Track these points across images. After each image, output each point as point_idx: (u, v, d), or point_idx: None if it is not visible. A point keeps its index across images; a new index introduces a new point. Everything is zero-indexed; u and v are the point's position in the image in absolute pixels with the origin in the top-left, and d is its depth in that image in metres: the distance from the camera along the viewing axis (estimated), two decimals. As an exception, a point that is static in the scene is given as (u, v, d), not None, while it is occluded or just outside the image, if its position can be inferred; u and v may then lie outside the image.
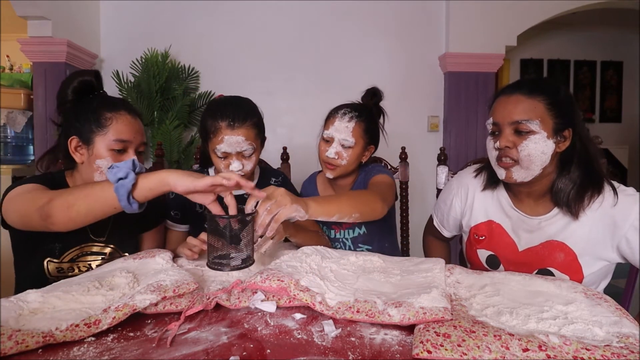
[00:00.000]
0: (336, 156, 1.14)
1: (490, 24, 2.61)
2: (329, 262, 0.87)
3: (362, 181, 1.21)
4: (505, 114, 0.88)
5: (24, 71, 2.89)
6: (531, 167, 0.87)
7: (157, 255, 0.87)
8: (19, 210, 0.81)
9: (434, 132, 2.79)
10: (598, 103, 4.44)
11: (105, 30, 2.64)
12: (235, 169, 1.04)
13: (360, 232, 1.23)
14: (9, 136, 2.47)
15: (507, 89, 0.90)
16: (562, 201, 0.88)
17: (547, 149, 0.85)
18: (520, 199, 0.97)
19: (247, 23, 2.68)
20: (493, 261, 1.00)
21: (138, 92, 2.38)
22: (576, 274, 0.88)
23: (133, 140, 0.94)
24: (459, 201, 1.09)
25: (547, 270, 0.91)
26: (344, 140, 1.13)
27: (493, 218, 1.01)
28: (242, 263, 0.74)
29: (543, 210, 0.94)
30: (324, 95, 2.68)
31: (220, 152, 1.03)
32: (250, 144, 1.04)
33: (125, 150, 0.93)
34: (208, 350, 0.56)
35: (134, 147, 0.95)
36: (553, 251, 0.91)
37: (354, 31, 2.73)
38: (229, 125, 1.01)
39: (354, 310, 0.65)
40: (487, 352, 0.52)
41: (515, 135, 0.87)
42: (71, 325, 0.58)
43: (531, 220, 0.95)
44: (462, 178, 1.10)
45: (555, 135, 0.86)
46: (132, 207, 0.73)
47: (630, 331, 0.58)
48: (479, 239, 1.02)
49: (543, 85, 0.88)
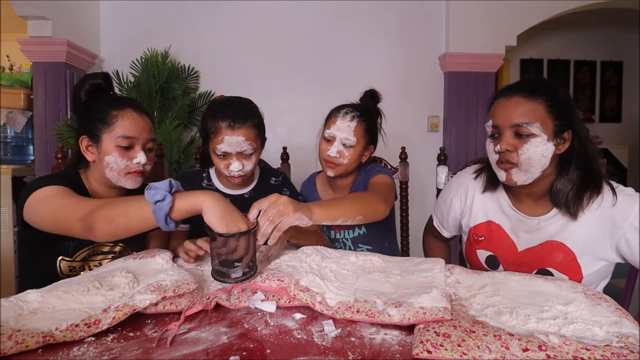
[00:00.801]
0: (338, 155, 1.14)
1: (490, 24, 2.61)
2: (329, 262, 0.87)
3: (362, 181, 1.21)
4: (505, 116, 0.87)
5: (24, 71, 2.89)
6: (531, 170, 0.87)
7: (157, 255, 0.87)
8: (54, 216, 0.83)
9: (434, 132, 2.79)
10: (598, 103, 4.44)
11: (105, 30, 2.64)
12: (235, 170, 1.04)
13: (360, 232, 1.23)
14: (9, 136, 2.47)
15: (507, 90, 0.90)
16: (561, 201, 0.88)
17: (547, 152, 0.85)
18: (519, 200, 0.97)
19: (247, 23, 2.68)
20: (492, 261, 1.00)
21: (138, 92, 2.38)
22: (575, 274, 0.88)
23: (139, 137, 0.96)
24: (458, 201, 1.09)
25: (547, 271, 0.91)
26: (345, 139, 1.14)
27: (492, 218, 1.01)
28: (243, 275, 0.73)
29: (542, 210, 0.94)
30: (324, 95, 2.68)
31: (221, 152, 1.04)
32: (250, 144, 1.04)
33: (131, 146, 0.96)
34: (208, 350, 0.56)
35: (141, 144, 0.97)
36: (552, 251, 0.91)
37: (354, 31, 2.72)
38: (230, 126, 1.02)
39: (353, 310, 0.65)
40: (487, 352, 0.52)
41: (515, 139, 0.86)
42: (71, 325, 0.58)
43: (530, 220, 0.95)
44: (462, 178, 1.10)
45: (555, 137, 0.86)
46: (169, 226, 0.75)
47: (630, 331, 0.58)
48: (478, 240, 1.02)
49: (542, 86, 0.88)
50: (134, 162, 0.96)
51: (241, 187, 1.18)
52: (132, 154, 0.96)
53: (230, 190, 1.17)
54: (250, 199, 1.16)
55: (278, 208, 0.77)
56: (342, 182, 1.24)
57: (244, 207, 1.14)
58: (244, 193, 1.17)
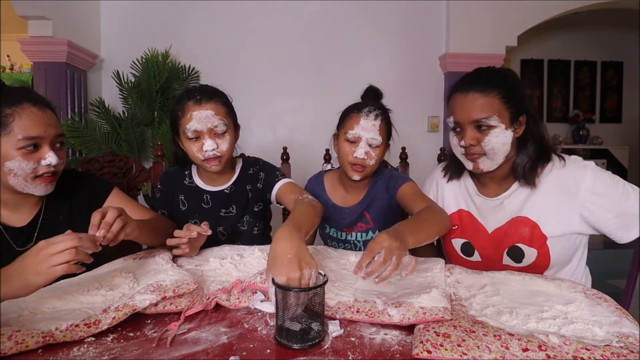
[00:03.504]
0: (366, 156, 1.08)
1: (491, 24, 2.61)
2: (329, 262, 0.87)
3: (383, 187, 1.16)
4: (464, 114, 0.92)
5: (24, 71, 2.90)
6: (496, 158, 0.92)
7: (157, 255, 0.87)
8: None
9: (434, 132, 2.79)
10: (598, 103, 4.44)
11: (105, 30, 2.65)
12: (209, 148, 0.99)
13: (373, 235, 1.20)
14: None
15: (462, 85, 0.95)
16: (519, 174, 0.94)
17: (508, 139, 0.91)
18: (484, 184, 1.02)
19: (247, 23, 2.68)
20: (467, 249, 1.03)
21: (138, 92, 2.38)
22: (542, 246, 0.91)
23: (44, 135, 0.82)
24: (432, 196, 1.13)
25: (517, 247, 0.94)
26: (372, 139, 1.07)
27: (462, 206, 1.06)
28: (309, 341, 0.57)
29: (504, 189, 0.99)
30: (324, 95, 2.68)
31: (191, 131, 0.99)
32: (221, 120, 1.00)
33: (38, 146, 0.83)
34: (208, 350, 0.56)
35: (49, 142, 0.84)
36: (518, 227, 0.94)
37: (354, 31, 2.73)
38: (197, 102, 0.99)
39: (353, 310, 0.65)
40: (487, 352, 0.52)
41: (477, 132, 0.91)
42: (71, 326, 0.58)
43: (493, 201, 0.99)
44: (433, 175, 1.17)
45: (512, 124, 0.91)
46: None
47: (630, 331, 0.58)
48: (452, 229, 1.05)
49: (495, 78, 0.92)
50: (44, 163, 0.83)
51: (220, 183, 1.14)
52: (39, 154, 0.83)
53: (210, 186, 1.13)
54: (231, 194, 1.13)
55: (394, 253, 0.69)
56: (358, 183, 1.19)
57: (223, 203, 1.12)
58: (224, 189, 1.14)
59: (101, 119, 2.41)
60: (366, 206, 1.19)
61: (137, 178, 1.44)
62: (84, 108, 2.48)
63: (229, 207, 1.12)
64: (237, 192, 1.14)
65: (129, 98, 2.38)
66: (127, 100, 2.41)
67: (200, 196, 1.13)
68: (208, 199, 1.12)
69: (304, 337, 0.57)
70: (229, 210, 1.12)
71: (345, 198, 1.23)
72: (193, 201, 1.13)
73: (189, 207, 1.13)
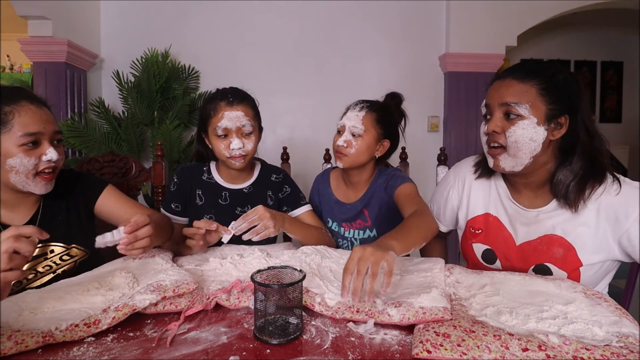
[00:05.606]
0: (345, 144, 1.14)
1: (491, 24, 2.61)
2: (329, 262, 0.87)
3: (383, 186, 1.18)
4: (496, 96, 0.86)
5: (24, 71, 2.90)
6: (519, 155, 0.84)
7: (157, 255, 0.87)
8: None
9: (434, 132, 2.79)
10: (598, 103, 4.44)
11: (105, 30, 2.65)
12: (236, 147, 1.05)
13: (371, 234, 1.21)
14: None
15: (504, 72, 0.89)
16: (561, 193, 0.85)
17: (537, 136, 0.82)
18: (518, 190, 0.94)
19: (247, 23, 2.68)
20: (489, 256, 0.97)
21: (138, 92, 2.38)
22: (574, 270, 0.86)
23: (44, 131, 0.85)
24: (456, 193, 1.06)
25: (544, 266, 0.88)
26: (353, 127, 1.13)
27: (490, 210, 0.98)
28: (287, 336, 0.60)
29: (542, 202, 0.90)
30: (324, 95, 2.68)
31: (221, 129, 1.05)
32: (249, 121, 1.07)
33: (38, 143, 0.85)
34: (208, 350, 0.56)
35: (48, 139, 0.86)
36: (552, 246, 0.87)
37: (354, 31, 2.73)
38: (229, 103, 1.06)
39: (353, 310, 0.65)
40: (486, 352, 0.52)
41: (504, 120, 0.84)
42: (71, 325, 0.58)
43: (528, 212, 0.91)
44: (460, 169, 1.07)
45: (548, 122, 0.82)
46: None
47: (630, 331, 0.58)
48: (475, 233, 1.00)
49: (539, 69, 0.85)
50: (44, 159, 0.85)
51: (240, 182, 1.17)
52: (40, 150, 0.85)
53: (229, 184, 1.16)
54: (250, 194, 1.16)
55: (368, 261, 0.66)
56: (357, 179, 1.22)
57: (241, 202, 1.15)
58: (243, 188, 1.17)
59: (101, 119, 2.41)
60: (365, 204, 1.20)
61: (137, 178, 1.44)
62: (83, 108, 2.48)
63: (245, 206, 1.15)
64: (257, 194, 1.17)
65: (128, 98, 2.38)
66: (127, 100, 2.41)
67: (218, 192, 1.15)
68: (226, 196, 1.15)
69: (283, 332, 0.60)
70: (245, 209, 1.14)
71: (347, 194, 1.25)
72: (210, 196, 1.15)
73: (205, 202, 1.15)
